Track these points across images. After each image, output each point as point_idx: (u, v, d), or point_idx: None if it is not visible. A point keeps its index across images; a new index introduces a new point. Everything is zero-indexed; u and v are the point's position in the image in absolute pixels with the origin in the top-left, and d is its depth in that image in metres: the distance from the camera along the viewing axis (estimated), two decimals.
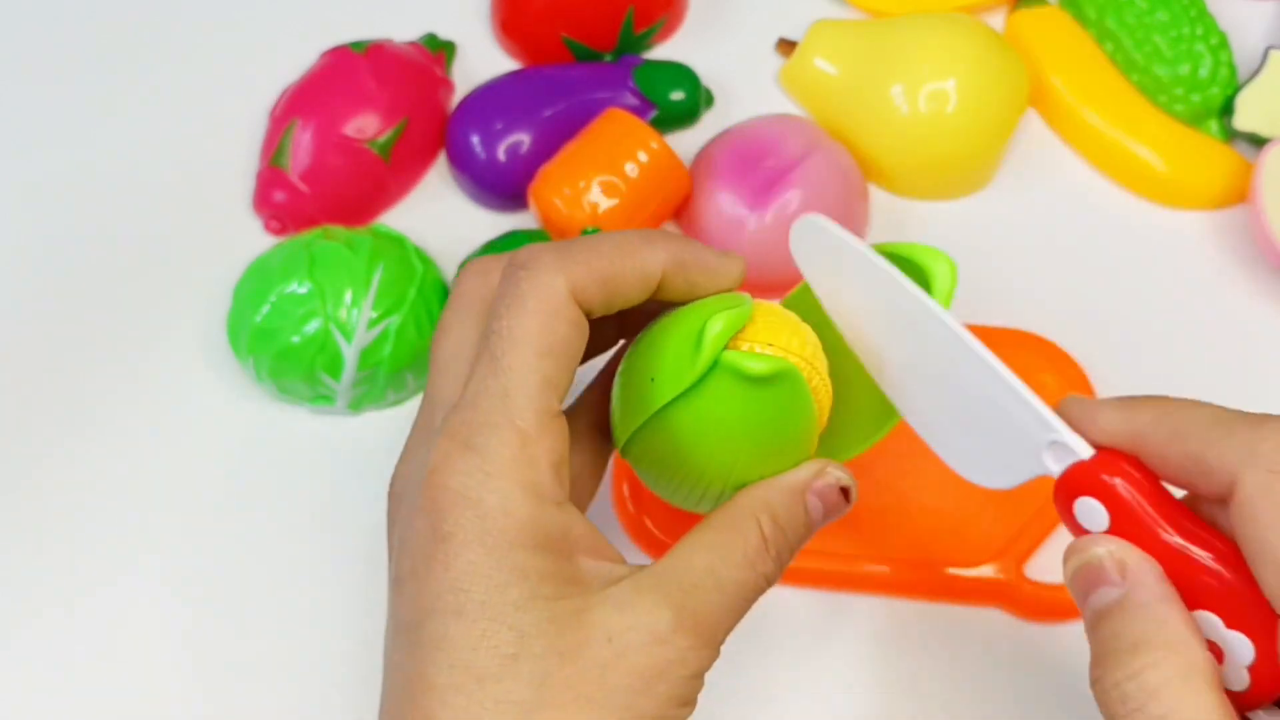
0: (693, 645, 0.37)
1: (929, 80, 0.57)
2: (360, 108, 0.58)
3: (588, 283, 0.39)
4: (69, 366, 0.56)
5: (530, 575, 0.37)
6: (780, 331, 0.39)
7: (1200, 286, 0.58)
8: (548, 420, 0.38)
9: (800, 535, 0.40)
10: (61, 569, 0.53)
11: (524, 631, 0.36)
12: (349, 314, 0.52)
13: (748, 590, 0.38)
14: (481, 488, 0.37)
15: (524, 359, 0.38)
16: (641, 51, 0.63)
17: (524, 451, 0.37)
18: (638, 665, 0.36)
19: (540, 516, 0.37)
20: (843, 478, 0.40)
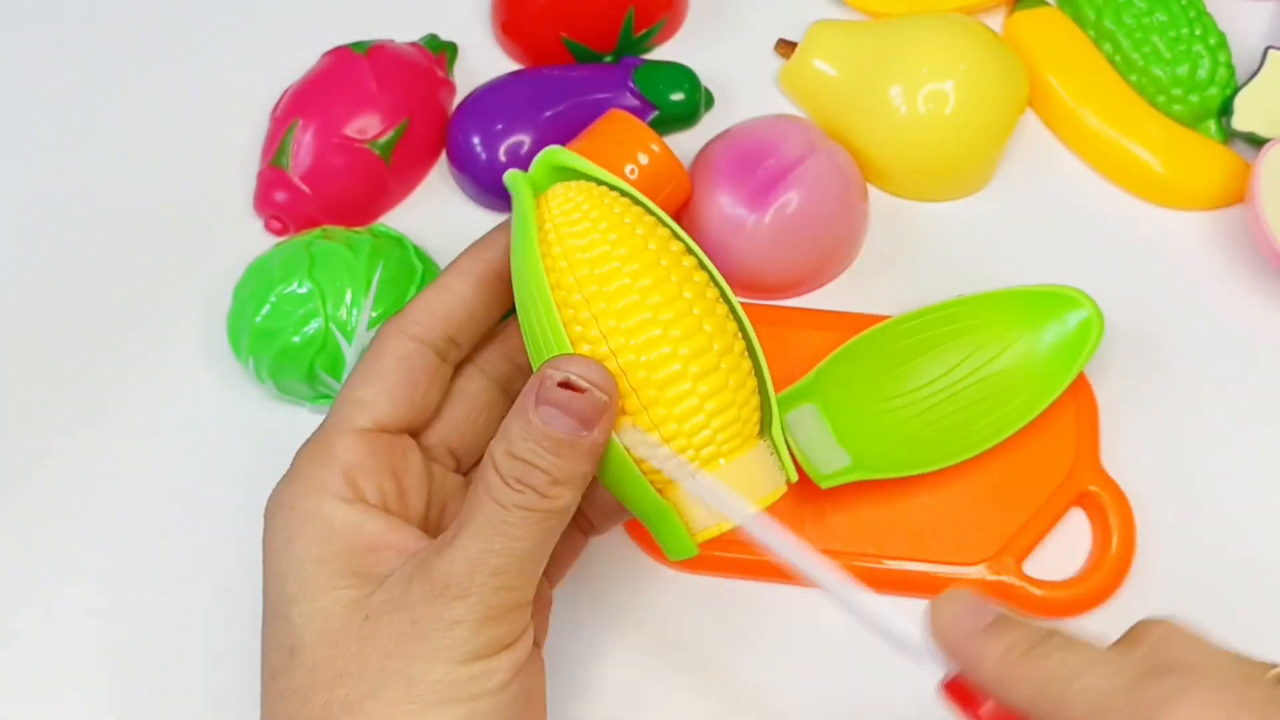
0: (434, 600, 0.38)
1: (928, 81, 0.57)
2: (361, 108, 0.58)
3: (417, 314, 0.43)
4: (69, 366, 0.57)
5: (306, 566, 0.39)
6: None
7: (1199, 287, 0.58)
8: (347, 434, 0.41)
9: (548, 452, 0.38)
10: (62, 568, 0.53)
11: (295, 623, 0.39)
12: (349, 314, 0.52)
13: (503, 527, 0.38)
14: (281, 490, 0.41)
15: (344, 389, 0.43)
16: (641, 52, 0.63)
17: (319, 457, 0.41)
18: (390, 632, 0.38)
19: (321, 510, 0.40)
20: (556, 375, 0.38)
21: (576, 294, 0.40)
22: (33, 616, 0.52)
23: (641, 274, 0.40)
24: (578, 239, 0.40)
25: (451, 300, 0.43)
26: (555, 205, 0.41)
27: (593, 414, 0.38)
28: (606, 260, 0.40)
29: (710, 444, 0.40)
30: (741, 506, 0.40)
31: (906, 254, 0.59)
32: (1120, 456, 0.53)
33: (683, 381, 0.39)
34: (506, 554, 0.38)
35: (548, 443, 0.38)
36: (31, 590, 0.52)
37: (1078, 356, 0.53)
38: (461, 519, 0.39)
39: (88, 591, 0.52)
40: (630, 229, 0.41)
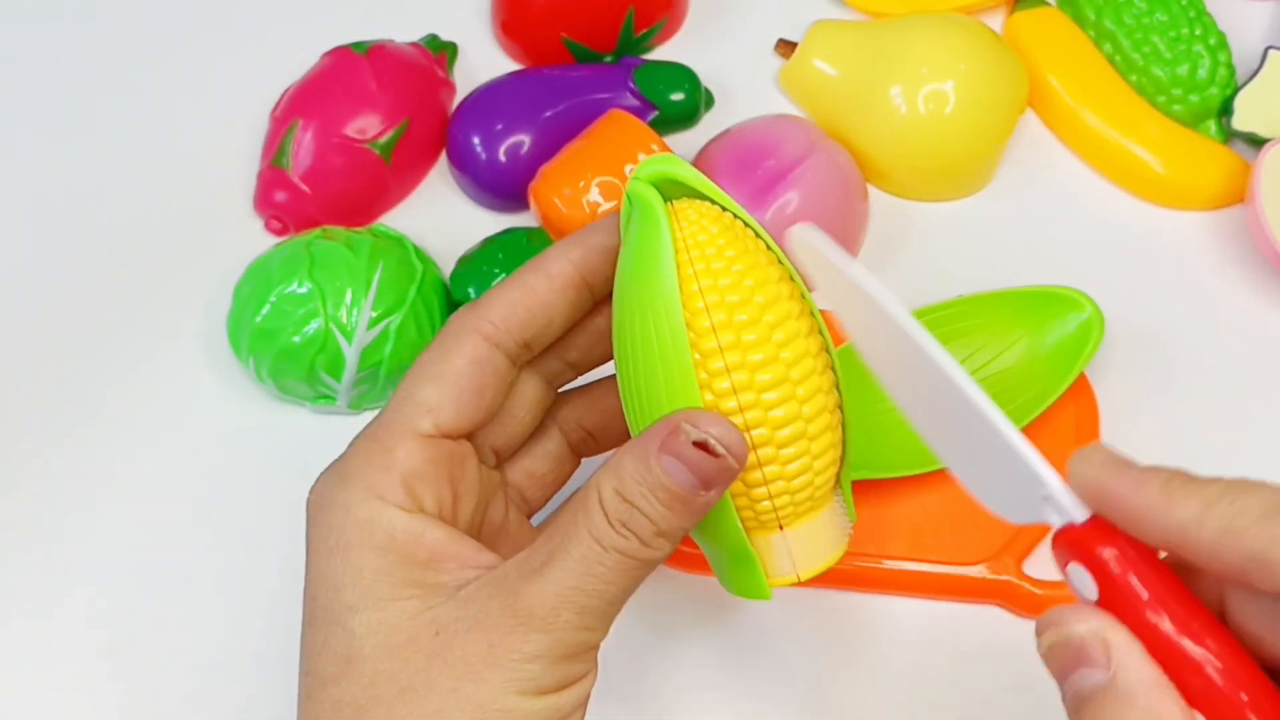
0: (516, 629, 0.36)
1: (928, 81, 0.57)
2: (361, 108, 0.58)
3: (496, 313, 0.41)
4: (70, 366, 0.57)
5: (365, 575, 0.38)
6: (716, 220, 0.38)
7: (1199, 287, 0.58)
8: (408, 438, 0.40)
9: (659, 503, 0.37)
10: (62, 568, 0.53)
11: (355, 632, 0.37)
12: (349, 314, 0.52)
13: (598, 568, 0.37)
14: (334, 490, 0.39)
15: (408, 385, 0.41)
16: (642, 52, 0.63)
17: (377, 460, 0.39)
18: (464, 654, 0.37)
19: (380, 518, 0.38)
20: (693, 433, 0.36)
21: (711, 339, 0.37)
22: (33, 616, 0.52)
23: (778, 325, 0.38)
24: (716, 276, 0.37)
25: (534, 303, 0.41)
26: (688, 228, 0.38)
27: (718, 478, 0.37)
28: (746, 306, 0.37)
29: (809, 500, 0.40)
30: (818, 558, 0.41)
31: (906, 254, 0.59)
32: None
33: (800, 442, 0.39)
34: (596, 595, 0.37)
35: (663, 494, 0.37)
36: (31, 590, 0.52)
37: (1078, 357, 0.53)
38: (554, 548, 0.37)
39: (88, 591, 0.52)
40: (764, 270, 0.38)
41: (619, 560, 0.37)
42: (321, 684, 0.38)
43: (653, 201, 0.38)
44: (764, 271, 0.38)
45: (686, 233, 0.38)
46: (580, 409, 0.46)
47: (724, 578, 0.42)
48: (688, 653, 0.51)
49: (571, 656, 0.37)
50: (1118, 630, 0.31)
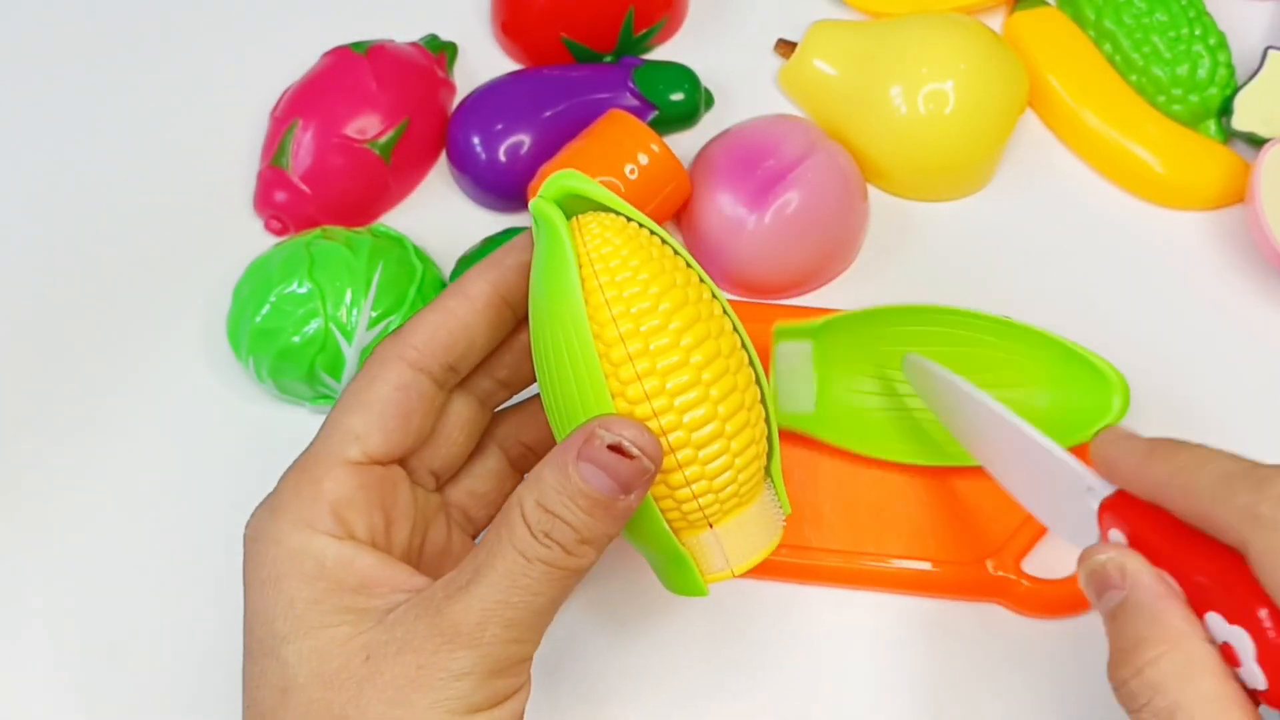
0: (441, 647, 0.37)
1: (928, 81, 0.57)
2: (361, 108, 0.58)
3: (417, 339, 0.41)
4: (70, 366, 0.57)
5: (297, 605, 0.38)
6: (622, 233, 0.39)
7: (1198, 287, 0.58)
8: (336, 466, 0.40)
9: (581, 510, 0.37)
10: (62, 568, 0.53)
11: (288, 662, 0.38)
12: (349, 314, 0.52)
13: (523, 580, 0.37)
14: (265, 523, 0.40)
15: (334, 414, 0.41)
16: (641, 52, 0.63)
17: (307, 491, 0.40)
18: (393, 677, 0.37)
19: (310, 547, 0.39)
20: (607, 436, 0.37)
21: (620, 349, 0.38)
22: (32, 615, 0.52)
23: (686, 329, 0.38)
24: (622, 287, 0.38)
25: (455, 326, 0.41)
26: (591, 242, 0.39)
27: (635, 480, 0.37)
28: (652, 314, 0.38)
29: (734, 496, 0.40)
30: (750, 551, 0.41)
31: (906, 254, 0.59)
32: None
33: (718, 441, 0.39)
34: (523, 608, 0.37)
35: (583, 501, 0.37)
36: (31, 590, 0.52)
37: (1096, 424, 0.51)
38: (479, 565, 0.37)
39: (87, 591, 0.52)
40: (669, 275, 0.39)
41: (544, 571, 0.37)
42: (260, 715, 0.38)
43: (554, 218, 0.39)
44: (669, 277, 0.39)
45: (590, 246, 0.39)
46: (517, 425, 0.46)
47: (662, 577, 0.43)
48: (683, 653, 0.51)
49: (502, 671, 0.37)
50: (1131, 556, 0.37)
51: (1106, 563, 0.37)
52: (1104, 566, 0.37)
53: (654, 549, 0.41)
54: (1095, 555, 0.38)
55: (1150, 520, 0.38)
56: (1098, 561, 0.38)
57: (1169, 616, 0.36)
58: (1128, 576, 0.37)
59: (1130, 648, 0.36)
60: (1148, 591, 0.36)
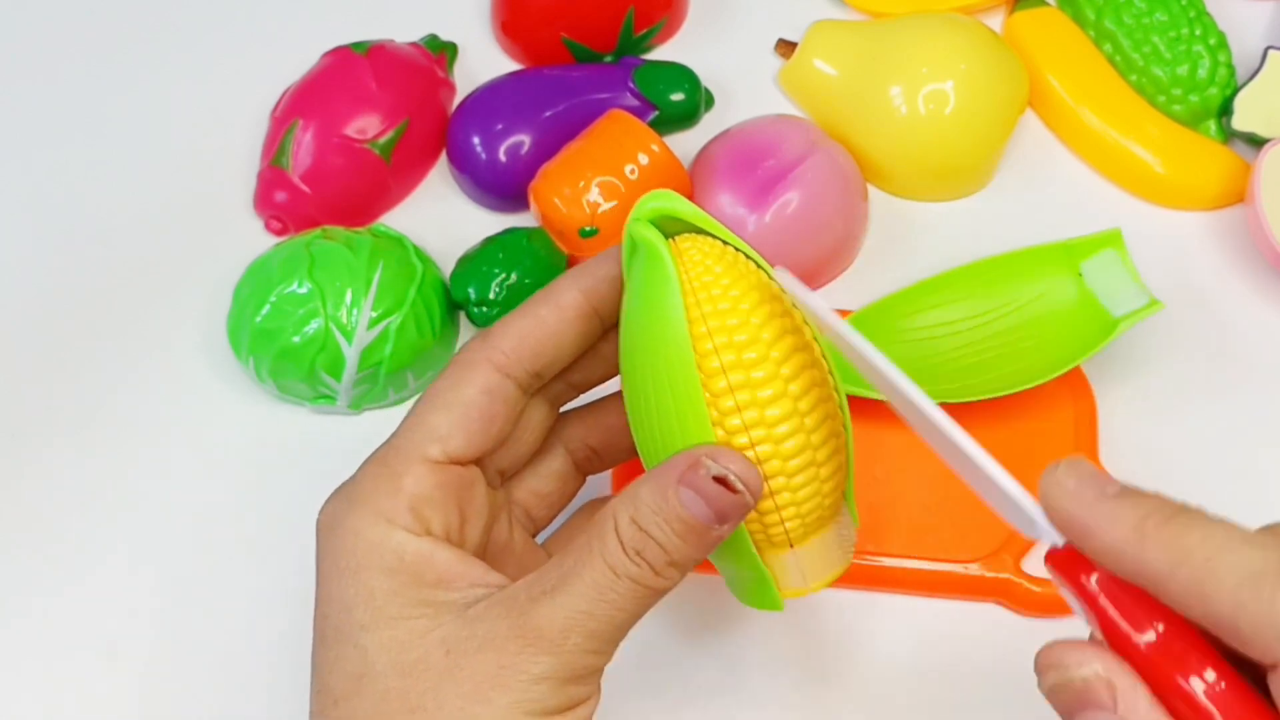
0: (524, 650, 0.37)
1: (928, 81, 0.57)
2: (361, 108, 0.58)
3: (507, 344, 0.41)
4: (70, 366, 0.57)
5: (377, 596, 0.38)
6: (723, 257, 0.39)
7: (1199, 287, 0.58)
8: (417, 463, 0.40)
9: (674, 534, 0.37)
10: (62, 568, 0.53)
11: (367, 650, 0.38)
12: (349, 314, 0.52)
13: (610, 594, 0.37)
14: (345, 514, 0.40)
15: (419, 411, 0.41)
16: (642, 52, 0.63)
17: (387, 485, 0.40)
18: (472, 672, 0.37)
19: (389, 540, 0.39)
20: (713, 468, 0.37)
21: (721, 379, 0.38)
22: (32, 616, 0.52)
23: (784, 360, 0.38)
24: (724, 316, 0.38)
25: (545, 335, 0.41)
26: (692, 269, 0.38)
27: (734, 513, 0.38)
28: (754, 345, 0.38)
29: (818, 519, 0.41)
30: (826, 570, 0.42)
31: (906, 254, 0.59)
32: (1119, 455, 0.53)
33: (809, 470, 0.39)
34: (605, 620, 0.37)
35: (679, 525, 0.37)
36: (31, 590, 0.52)
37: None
38: (567, 571, 0.38)
39: (87, 591, 0.52)
40: (770, 304, 0.39)
41: (630, 588, 0.37)
42: (333, 701, 0.38)
43: (656, 243, 0.38)
44: (769, 307, 0.39)
45: (691, 273, 0.38)
46: (584, 428, 0.46)
47: (737, 590, 0.43)
48: (681, 652, 0.51)
49: (577, 679, 0.38)
50: (1122, 673, 0.31)
51: (1091, 679, 0.31)
52: (1086, 683, 0.31)
53: (736, 565, 0.42)
54: (1072, 666, 0.31)
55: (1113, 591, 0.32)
56: (1077, 676, 0.31)
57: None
58: (1120, 700, 0.31)
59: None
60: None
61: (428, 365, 0.55)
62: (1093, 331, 0.53)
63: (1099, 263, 0.54)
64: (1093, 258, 0.54)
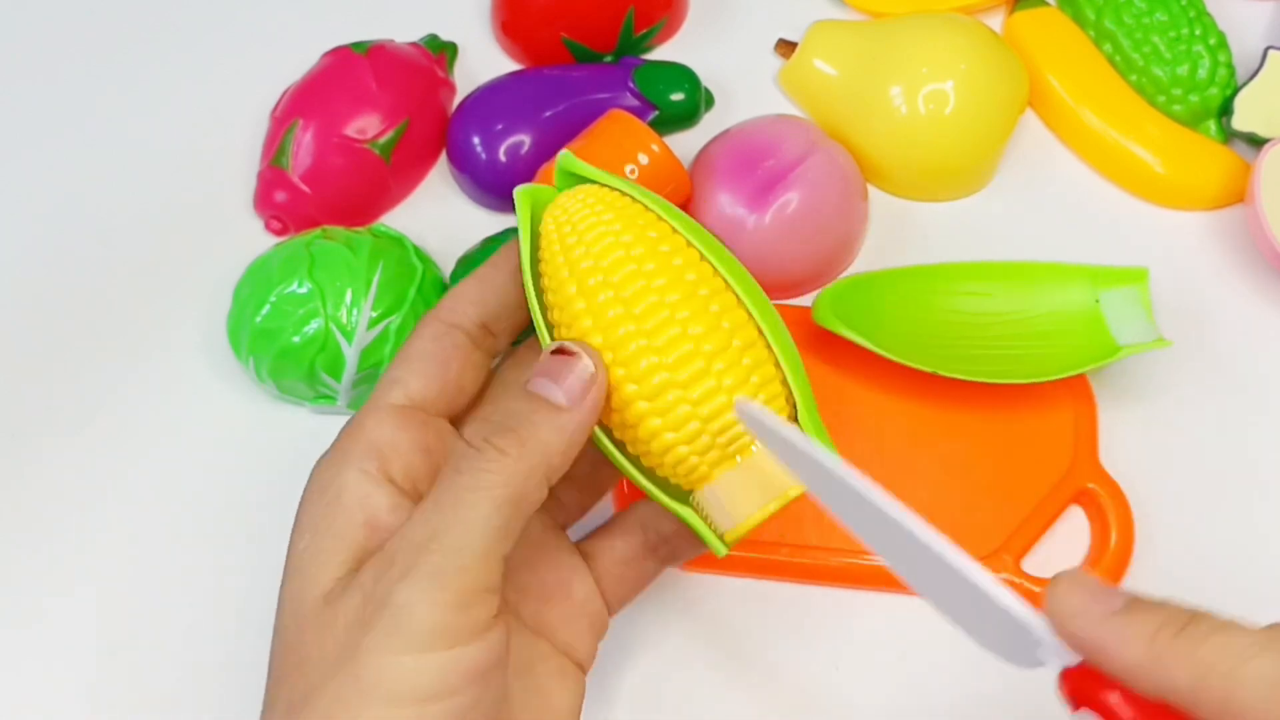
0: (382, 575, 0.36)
1: (928, 81, 0.57)
2: (361, 108, 0.58)
3: (453, 302, 0.43)
4: (70, 366, 0.57)
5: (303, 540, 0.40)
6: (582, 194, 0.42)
7: (1199, 287, 0.58)
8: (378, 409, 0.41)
9: (524, 407, 0.38)
10: (62, 568, 0.53)
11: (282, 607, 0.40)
12: (349, 314, 0.52)
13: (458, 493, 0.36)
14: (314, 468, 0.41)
15: (383, 373, 0.43)
16: (642, 52, 0.63)
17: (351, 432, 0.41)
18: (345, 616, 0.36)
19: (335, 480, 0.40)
20: (552, 346, 0.39)
21: (579, 303, 0.40)
22: (31, 616, 0.52)
23: (657, 274, 0.40)
24: (587, 245, 0.40)
25: (484, 288, 0.43)
26: (561, 213, 0.42)
27: (578, 385, 0.38)
28: (623, 264, 0.40)
29: (727, 440, 0.40)
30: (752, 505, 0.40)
31: (906, 254, 0.59)
32: (1119, 455, 0.53)
33: (707, 379, 0.39)
34: (459, 525, 0.36)
35: (526, 404, 0.38)
36: (30, 590, 0.52)
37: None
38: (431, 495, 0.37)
39: (87, 591, 0.52)
40: (642, 229, 0.41)
41: (477, 477, 0.36)
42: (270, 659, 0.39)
43: (520, 200, 0.43)
44: (640, 230, 0.41)
45: (559, 216, 0.42)
46: None
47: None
48: (682, 652, 0.51)
49: (448, 604, 0.35)
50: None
51: None
52: None
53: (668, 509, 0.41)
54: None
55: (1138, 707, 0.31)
56: None
57: None
58: None
59: None
60: None
61: None
62: (1093, 350, 0.53)
63: (1120, 296, 0.54)
64: (1114, 289, 0.54)
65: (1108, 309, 0.54)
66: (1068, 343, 0.54)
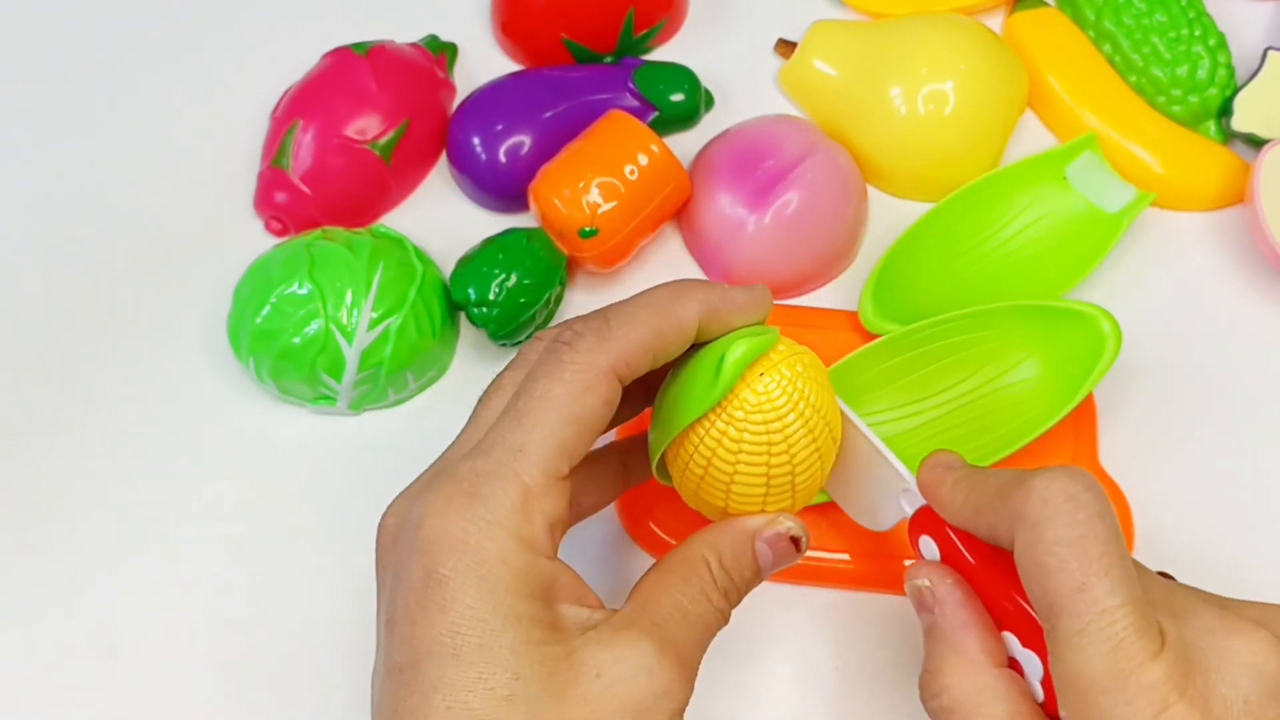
0: (676, 676, 0.38)
1: (928, 82, 0.57)
2: (362, 109, 0.58)
3: (630, 355, 0.40)
4: (69, 367, 0.57)
5: (523, 621, 0.37)
6: (799, 365, 0.41)
7: (1198, 287, 0.58)
8: (553, 482, 0.39)
9: (747, 578, 0.42)
10: (62, 568, 0.53)
11: (519, 674, 0.37)
12: (349, 315, 0.52)
13: (708, 623, 0.40)
14: (482, 535, 0.38)
15: (546, 421, 0.39)
16: (642, 53, 0.63)
17: (526, 506, 0.38)
18: (626, 697, 0.37)
19: (533, 567, 0.38)
20: (793, 528, 0.42)
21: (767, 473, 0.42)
22: (31, 617, 0.52)
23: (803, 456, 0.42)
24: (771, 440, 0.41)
25: (659, 351, 0.41)
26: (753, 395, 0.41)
27: (787, 563, 0.43)
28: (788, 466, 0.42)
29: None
30: None
31: None
32: (1118, 456, 0.53)
33: None
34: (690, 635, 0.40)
35: (751, 572, 0.42)
36: (30, 591, 0.52)
37: (1089, 374, 0.52)
38: (678, 602, 0.40)
39: (86, 592, 0.52)
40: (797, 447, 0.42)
41: (715, 615, 0.41)
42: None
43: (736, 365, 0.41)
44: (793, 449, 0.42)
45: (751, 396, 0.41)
46: None
47: None
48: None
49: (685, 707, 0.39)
50: (942, 581, 0.41)
51: (921, 587, 0.41)
52: (919, 590, 0.41)
53: None
54: (914, 577, 0.41)
55: (960, 539, 0.41)
56: (915, 584, 0.41)
57: (967, 646, 0.39)
58: (937, 602, 0.40)
59: (934, 670, 0.40)
60: (951, 620, 0.40)
61: (428, 366, 0.55)
62: (1098, 235, 0.56)
63: (1081, 165, 0.57)
64: (1074, 162, 0.57)
65: (1077, 182, 0.56)
66: (1068, 238, 0.56)
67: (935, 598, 0.40)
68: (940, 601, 0.40)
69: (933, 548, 0.42)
